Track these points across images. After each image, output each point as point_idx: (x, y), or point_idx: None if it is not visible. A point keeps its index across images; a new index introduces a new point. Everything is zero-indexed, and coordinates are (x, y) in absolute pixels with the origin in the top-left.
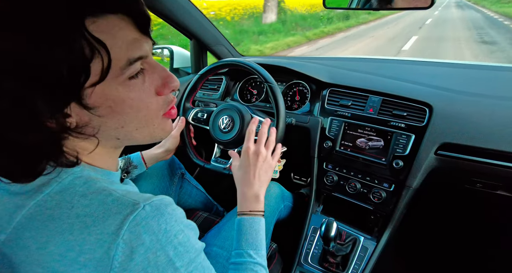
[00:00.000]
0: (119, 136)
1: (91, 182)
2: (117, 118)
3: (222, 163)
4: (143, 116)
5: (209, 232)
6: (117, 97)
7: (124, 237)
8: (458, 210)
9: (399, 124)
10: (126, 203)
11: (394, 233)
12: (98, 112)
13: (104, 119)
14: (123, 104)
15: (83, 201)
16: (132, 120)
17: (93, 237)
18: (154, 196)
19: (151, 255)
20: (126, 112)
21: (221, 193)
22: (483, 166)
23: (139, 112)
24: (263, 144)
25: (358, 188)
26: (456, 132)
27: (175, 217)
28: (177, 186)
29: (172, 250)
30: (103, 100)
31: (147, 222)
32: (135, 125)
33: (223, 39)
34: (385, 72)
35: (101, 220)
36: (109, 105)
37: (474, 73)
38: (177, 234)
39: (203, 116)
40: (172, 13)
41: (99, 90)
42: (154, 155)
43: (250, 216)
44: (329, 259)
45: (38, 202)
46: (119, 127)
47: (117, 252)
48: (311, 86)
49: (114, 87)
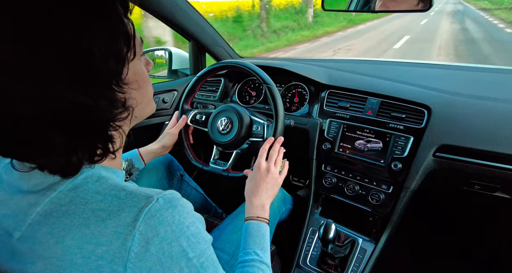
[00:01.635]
0: (137, 114)
1: (103, 180)
2: (140, 92)
3: (221, 165)
4: (150, 89)
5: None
6: (140, 72)
7: (140, 229)
8: (456, 212)
9: (397, 126)
10: (139, 196)
11: (393, 235)
12: (133, 86)
13: (134, 94)
14: (143, 77)
15: (97, 197)
16: (147, 92)
17: (109, 230)
18: (164, 191)
19: (166, 245)
20: (145, 85)
21: (219, 195)
22: (481, 168)
23: (148, 84)
24: (273, 162)
25: (357, 190)
26: (454, 134)
27: (187, 209)
28: (176, 187)
29: (185, 241)
30: (134, 75)
31: (161, 214)
32: (147, 100)
33: (222, 41)
34: (383, 74)
35: (116, 213)
36: (136, 79)
37: (472, 75)
38: (189, 226)
39: (202, 118)
40: (170, 14)
41: (131, 67)
42: (151, 151)
43: (257, 221)
44: (328, 261)
45: (52, 199)
46: (139, 102)
47: (133, 243)
48: (310, 88)
49: (137, 62)
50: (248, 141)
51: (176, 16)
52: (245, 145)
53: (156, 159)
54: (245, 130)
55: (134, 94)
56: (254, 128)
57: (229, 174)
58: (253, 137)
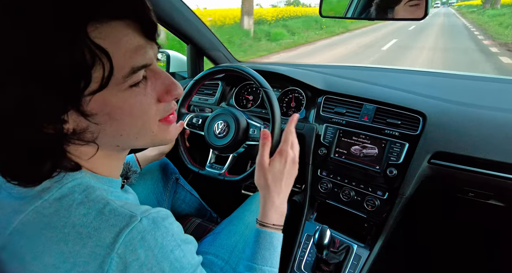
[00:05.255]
0: (119, 144)
1: (90, 190)
2: (116, 125)
3: (217, 168)
4: (142, 123)
5: (204, 240)
6: (116, 104)
7: (118, 251)
8: (451, 219)
9: (393, 132)
10: (122, 214)
11: (387, 241)
12: (96, 119)
13: (102, 126)
14: (122, 111)
15: (81, 209)
16: (131, 127)
17: (87, 250)
18: (151, 208)
19: (146, 270)
20: (124, 120)
21: (215, 199)
22: (475, 176)
23: (137, 119)
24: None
25: (352, 196)
26: (449, 141)
27: (172, 231)
28: (171, 191)
29: (168, 266)
30: (102, 107)
31: (143, 236)
32: (134, 133)
33: (220, 45)
34: (379, 81)
35: (97, 231)
36: (107, 112)
37: (467, 83)
38: (173, 250)
39: (198, 122)
40: (169, 17)
41: (99, 98)
42: (148, 157)
43: (271, 231)
44: (322, 267)
45: (35, 208)
46: (117, 135)
47: (111, 267)
48: (307, 93)
49: (114, 94)
50: (244, 145)
51: (174, 19)
52: (242, 149)
53: (151, 162)
54: (241, 134)
55: (104, 126)
56: (251, 132)
57: (225, 178)
58: (250, 140)
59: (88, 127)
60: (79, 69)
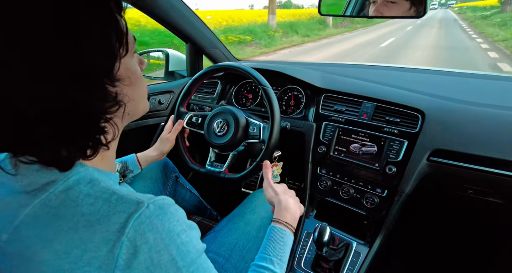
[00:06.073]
0: (130, 111)
1: (95, 182)
2: (133, 88)
3: (217, 167)
4: (144, 87)
5: (204, 238)
6: (132, 68)
7: (128, 235)
8: (450, 216)
9: (392, 130)
10: (130, 201)
11: (387, 238)
12: (125, 82)
13: (126, 90)
14: (136, 75)
15: (88, 199)
16: (139, 90)
17: (98, 236)
18: (156, 196)
19: (155, 253)
20: (137, 83)
21: (215, 197)
22: (474, 173)
23: (142, 83)
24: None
25: (352, 193)
26: (448, 138)
27: (177, 216)
28: (171, 189)
29: (175, 249)
30: (126, 71)
31: (151, 220)
32: (139, 96)
33: (219, 43)
34: (378, 79)
35: (106, 218)
36: (128, 75)
37: (466, 81)
38: (180, 234)
39: (198, 121)
40: (168, 16)
41: (123, 63)
42: (149, 157)
43: (283, 228)
44: (322, 264)
45: (42, 201)
46: (131, 98)
47: (121, 250)
48: (306, 91)
49: (130, 59)
50: (244, 143)
51: (173, 18)
52: (241, 147)
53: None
54: (241, 132)
55: (126, 90)
56: (250, 130)
57: (226, 176)
58: (249, 138)
59: (118, 93)
60: (122, 34)
